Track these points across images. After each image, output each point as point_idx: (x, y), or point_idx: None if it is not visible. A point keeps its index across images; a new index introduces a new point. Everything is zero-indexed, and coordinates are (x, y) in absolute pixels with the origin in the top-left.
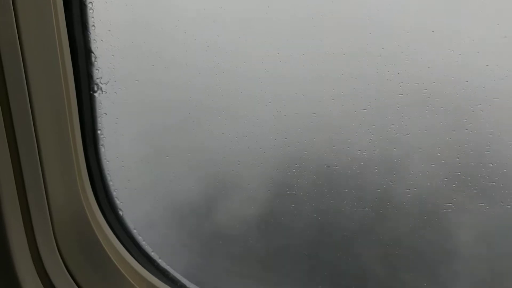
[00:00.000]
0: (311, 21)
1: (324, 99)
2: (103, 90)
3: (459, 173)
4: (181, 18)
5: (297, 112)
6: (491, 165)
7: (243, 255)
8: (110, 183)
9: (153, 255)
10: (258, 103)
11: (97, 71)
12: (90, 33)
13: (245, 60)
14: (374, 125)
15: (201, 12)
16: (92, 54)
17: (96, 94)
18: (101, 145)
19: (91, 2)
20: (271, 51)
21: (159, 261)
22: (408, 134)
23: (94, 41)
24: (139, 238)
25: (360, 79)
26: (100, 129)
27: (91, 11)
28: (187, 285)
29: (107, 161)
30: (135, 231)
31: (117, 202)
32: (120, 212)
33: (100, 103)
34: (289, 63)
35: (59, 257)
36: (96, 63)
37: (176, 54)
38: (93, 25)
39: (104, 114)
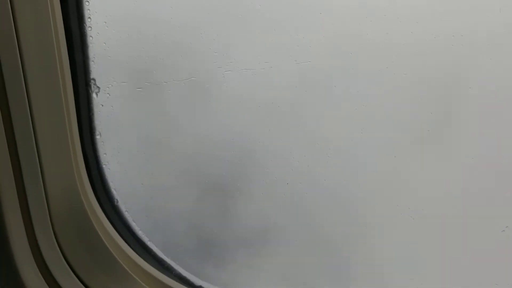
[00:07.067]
0: None
1: None
2: (98, 81)
3: None
4: (178, 8)
5: None
6: None
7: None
8: (107, 172)
9: (149, 244)
10: None
11: (92, 62)
12: (86, 25)
13: None
14: None
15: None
16: (88, 46)
17: (92, 85)
18: (98, 135)
19: None
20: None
21: (156, 250)
22: None
23: (90, 33)
24: (136, 228)
25: None
26: (96, 119)
27: (87, 3)
28: (183, 274)
29: (104, 153)
30: (131, 220)
31: (114, 192)
32: (117, 202)
33: (96, 94)
34: None
35: (58, 250)
36: (92, 55)
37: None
38: (89, 17)
39: (101, 106)
